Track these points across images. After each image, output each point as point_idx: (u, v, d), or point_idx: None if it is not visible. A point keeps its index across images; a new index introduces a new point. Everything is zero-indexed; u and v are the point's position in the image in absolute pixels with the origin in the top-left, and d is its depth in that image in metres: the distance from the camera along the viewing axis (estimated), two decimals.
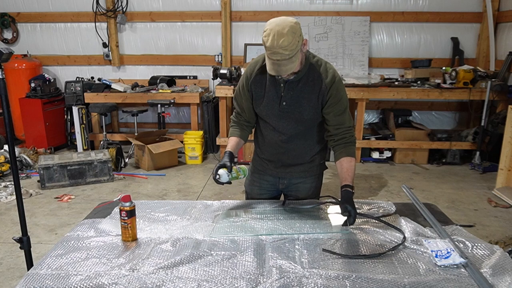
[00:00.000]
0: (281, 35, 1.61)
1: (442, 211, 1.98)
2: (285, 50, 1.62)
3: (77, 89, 5.55)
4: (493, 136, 4.82)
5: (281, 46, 1.61)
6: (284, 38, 1.61)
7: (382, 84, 5.17)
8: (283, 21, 1.65)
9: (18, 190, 2.09)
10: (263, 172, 2.12)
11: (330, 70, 1.86)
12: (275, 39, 1.61)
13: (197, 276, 1.39)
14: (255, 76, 1.90)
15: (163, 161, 4.99)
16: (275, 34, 1.62)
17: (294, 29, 1.63)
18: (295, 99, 1.86)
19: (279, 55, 1.63)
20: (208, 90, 5.87)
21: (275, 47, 1.62)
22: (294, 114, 1.88)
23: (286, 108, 1.87)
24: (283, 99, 1.86)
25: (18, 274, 2.73)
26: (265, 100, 1.90)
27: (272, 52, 1.64)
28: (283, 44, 1.61)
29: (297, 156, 2.03)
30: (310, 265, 1.44)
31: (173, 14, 5.80)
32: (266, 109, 1.91)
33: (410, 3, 5.58)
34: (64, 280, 1.37)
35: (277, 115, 1.91)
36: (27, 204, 3.43)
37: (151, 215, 1.89)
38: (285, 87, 1.85)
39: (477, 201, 3.99)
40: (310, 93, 1.85)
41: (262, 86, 1.90)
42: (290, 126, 1.92)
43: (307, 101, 1.86)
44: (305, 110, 1.87)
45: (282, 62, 1.66)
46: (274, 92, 1.88)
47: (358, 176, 4.71)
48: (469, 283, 1.32)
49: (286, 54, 1.63)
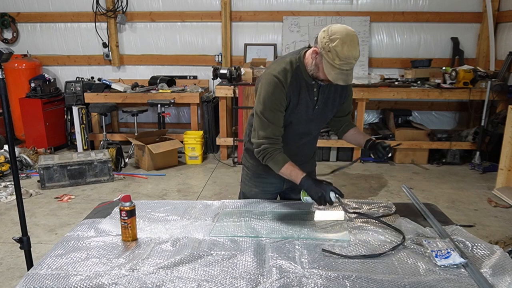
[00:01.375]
0: (354, 46, 1.61)
1: (442, 211, 1.99)
2: (356, 60, 1.64)
3: (77, 89, 5.55)
4: (493, 136, 4.82)
5: (355, 57, 1.62)
6: (357, 49, 1.62)
7: (382, 84, 5.17)
8: (349, 30, 1.63)
9: (18, 190, 2.10)
10: (266, 176, 2.06)
11: None
12: (351, 50, 1.60)
13: (197, 276, 1.39)
14: (290, 85, 1.81)
15: (163, 161, 4.99)
16: (350, 43, 1.59)
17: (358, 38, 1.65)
18: (326, 101, 1.90)
19: (350, 65, 1.64)
20: (208, 90, 5.87)
21: (350, 57, 1.61)
22: (322, 116, 1.93)
23: (318, 112, 1.91)
24: (317, 103, 1.88)
25: (18, 274, 2.73)
26: (299, 106, 1.86)
27: (345, 62, 1.61)
28: (356, 55, 1.62)
29: (306, 155, 2.08)
30: (310, 265, 1.44)
31: (173, 14, 5.80)
32: (300, 115, 1.88)
33: (410, 3, 5.58)
34: (64, 280, 1.37)
35: (309, 119, 1.91)
36: (27, 204, 3.43)
37: (151, 215, 1.89)
38: (319, 92, 1.86)
39: (477, 201, 3.99)
40: (335, 93, 1.91)
41: (297, 93, 1.83)
42: (316, 127, 1.99)
43: (332, 101, 1.92)
44: (330, 110, 1.95)
45: (350, 71, 1.67)
46: (308, 97, 1.85)
47: (358, 176, 4.71)
48: (469, 283, 1.32)
49: (354, 63, 1.65)
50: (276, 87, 1.79)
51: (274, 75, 1.80)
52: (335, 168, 2.01)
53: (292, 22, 5.58)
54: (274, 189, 2.14)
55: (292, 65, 1.81)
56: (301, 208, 1.95)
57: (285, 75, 1.80)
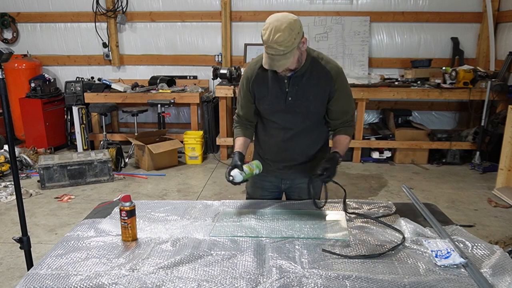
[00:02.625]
0: (278, 31, 1.64)
1: (442, 211, 1.98)
2: (279, 46, 1.64)
3: (77, 89, 5.55)
4: (493, 136, 4.82)
5: (276, 42, 1.64)
6: (280, 33, 1.63)
7: (382, 84, 5.17)
8: (283, 17, 1.68)
9: (18, 190, 2.09)
10: (266, 173, 2.10)
11: (333, 62, 1.91)
12: (271, 34, 1.64)
13: (197, 276, 1.39)
14: (256, 75, 1.92)
15: (163, 161, 4.99)
16: (273, 29, 1.65)
17: (293, 26, 1.65)
18: (300, 93, 1.88)
19: (274, 50, 1.66)
20: (208, 90, 5.87)
21: (271, 41, 1.65)
22: (301, 108, 1.90)
23: (292, 103, 1.89)
24: (289, 95, 1.88)
25: (18, 274, 2.73)
26: (269, 97, 1.91)
27: (267, 46, 1.67)
28: (278, 39, 1.63)
29: (301, 154, 2.03)
30: (310, 265, 1.44)
31: (173, 14, 5.80)
32: (271, 106, 1.92)
33: (410, 3, 5.58)
34: (64, 280, 1.36)
35: (283, 110, 1.92)
36: (27, 204, 3.43)
37: (151, 215, 1.89)
38: (289, 83, 1.87)
39: (477, 201, 3.99)
40: (317, 86, 1.88)
41: (265, 84, 1.91)
42: (296, 120, 1.94)
43: (313, 94, 1.88)
44: (312, 104, 1.90)
45: (276, 57, 1.68)
46: (278, 88, 1.89)
47: (358, 176, 4.71)
48: (469, 283, 1.32)
49: (280, 49, 1.65)
50: (243, 79, 1.98)
51: (246, 67, 1.99)
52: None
53: None
54: (274, 188, 2.15)
55: None
56: (301, 208, 1.95)
57: (254, 67, 1.93)
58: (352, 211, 1.89)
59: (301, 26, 1.70)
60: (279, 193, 2.18)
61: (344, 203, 1.95)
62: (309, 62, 1.85)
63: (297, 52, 1.73)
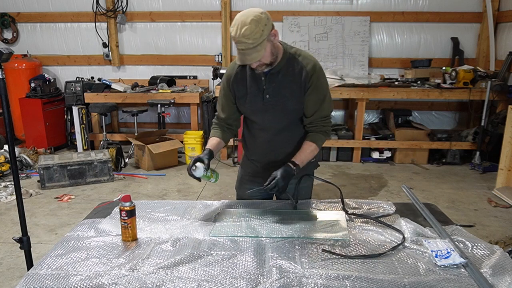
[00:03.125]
0: (244, 24, 1.65)
1: (442, 211, 1.98)
2: (247, 39, 1.65)
3: (77, 89, 5.55)
4: (493, 136, 4.82)
5: (244, 35, 1.65)
6: (246, 27, 1.65)
7: (382, 84, 5.18)
8: (249, 11, 1.69)
9: (18, 190, 2.10)
10: (254, 175, 2.11)
11: (310, 58, 1.89)
12: (238, 29, 1.66)
13: (197, 276, 1.39)
14: (235, 75, 1.94)
15: (163, 161, 4.99)
16: (239, 24, 1.66)
17: (258, 19, 1.66)
18: (277, 90, 1.87)
19: (243, 45, 1.67)
20: (208, 90, 5.87)
21: (238, 36, 1.66)
22: (278, 105, 1.89)
23: (270, 101, 1.89)
24: (266, 92, 1.88)
25: (18, 274, 2.73)
26: (248, 97, 1.92)
27: (237, 42, 1.69)
28: (245, 33, 1.65)
29: (285, 153, 2.00)
30: (310, 265, 1.44)
31: (173, 14, 5.80)
32: (251, 105, 1.93)
33: (410, 3, 5.58)
34: (64, 280, 1.36)
35: (261, 109, 1.92)
36: (27, 204, 3.43)
37: (151, 215, 1.89)
38: (266, 80, 1.87)
39: (477, 201, 3.99)
40: (292, 83, 1.86)
41: (244, 83, 1.92)
42: (276, 119, 1.93)
43: (289, 91, 1.87)
44: (289, 101, 1.89)
45: (247, 51, 1.69)
46: (256, 87, 1.90)
47: (358, 176, 4.71)
48: (469, 283, 1.32)
49: (249, 43, 1.66)
50: (224, 79, 1.99)
51: (227, 69, 2.00)
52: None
53: (292, 22, 5.58)
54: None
55: None
56: (301, 208, 1.95)
57: (233, 67, 1.96)
58: (352, 211, 1.89)
59: (268, 18, 1.70)
60: (267, 194, 2.12)
61: (342, 202, 1.95)
62: (285, 58, 1.85)
63: (268, 44, 1.73)
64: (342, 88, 5.00)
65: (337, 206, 1.97)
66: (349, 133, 5.28)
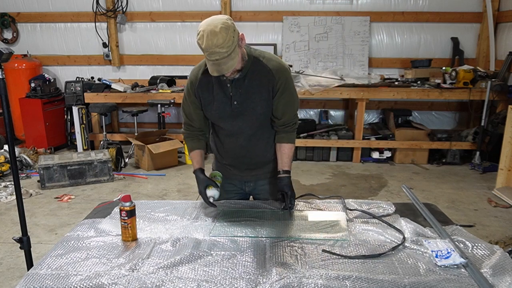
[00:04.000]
0: (214, 34, 1.57)
1: (442, 211, 1.98)
2: (221, 48, 1.58)
3: (77, 89, 5.55)
4: (493, 136, 4.82)
5: (217, 45, 1.57)
6: (218, 36, 1.57)
7: (382, 84, 5.17)
8: (214, 19, 1.62)
9: (18, 190, 2.09)
10: (228, 177, 2.08)
11: (275, 59, 1.85)
12: (209, 39, 1.57)
13: (196, 276, 1.39)
14: (200, 81, 1.86)
15: (163, 161, 4.99)
16: (208, 34, 1.58)
17: (227, 25, 1.59)
18: (245, 96, 1.83)
19: (217, 55, 1.59)
20: None
21: (211, 46, 1.58)
22: (247, 111, 1.85)
23: (238, 107, 1.84)
24: (233, 99, 1.83)
25: (18, 274, 2.73)
26: (215, 104, 1.86)
27: (209, 52, 1.60)
28: (218, 42, 1.57)
29: (259, 156, 1.99)
30: (310, 265, 1.44)
31: (173, 14, 5.80)
32: (218, 112, 1.88)
33: (410, 3, 5.58)
34: (64, 280, 1.37)
35: (230, 116, 1.87)
36: (27, 204, 3.42)
37: (151, 215, 1.89)
38: (232, 86, 1.82)
39: (477, 201, 3.99)
40: (260, 86, 1.82)
41: (209, 90, 1.86)
42: (246, 124, 1.89)
43: (258, 95, 1.83)
44: (258, 105, 1.85)
45: (222, 61, 1.61)
46: (222, 94, 1.84)
47: (358, 176, 4.71)
48: (469, 283, 1.32)
49: (223, 52, 1.59)
50: (187, 84, 1.93)
51: (190, 74, 1.93)
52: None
53: (292, 22, 5.58)
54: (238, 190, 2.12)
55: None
56: (301, 209, 1.94)
57: (196, 73, 1.88)
58: (352, 211, 1.89)
59: (233, 23, 1.64)
60: (244, 194, 2.14)
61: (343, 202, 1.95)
62: (250, 62, 1.79)
63: (239, 50, 1.67)
64: (342, 88, 4.99)
65: (337, 206, 1.97)
66: (349, 133, 5.28)
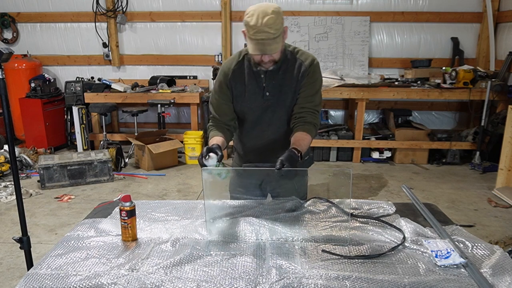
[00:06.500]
0: (265, 14, 1.63)
1: (442, 211, 1.98)
2: (270, 29, 1.63)
3: (77, 89, 5.55)
4: (493, 136, 4.82)
5: (267, 24, 1.63)
6: (269, 16, 1.63)
7: (382, 84, 5.17)
8: (265, 4, 1.68)
9: (18, 190, 2.10)
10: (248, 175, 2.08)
11: (309, 55, 1.90)
12: (259, 18, 1.63)
13: (196, 276, 1.38)
14: (233, 72, 1.89)
15: (163, 161, 4.99)
16: (260, 13, 1.63)
17: (278, 11, 1.67)
18: (277, 87, 1.87)
19: (264, 34, 1.64)
20: (208, 90, 5.87)
21: (261, 25, 1.62)
22: (278, 103, 1.89)
23: (270, 99, 1.88)
24: (266, 89, 1.87)
25: (18, 274, 2.73)
26: (247, 95, 1.90)
27: (257, 30, 1.64)
28: (268, 22, 1.63)
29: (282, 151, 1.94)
30: (310, 265, 1.44)
31: (173, 14, 5.80)
32: (249, 103, 1.91)
33: (410, 3, 5.58)
34: (64, 280, 1.36)
35: (260, 107, 1.91)
36: (27, 204, 3.43)
37: (151, 215, 1.89)
38: (266, 77, 1.86)
39: (477, 201, 3.99)
40: (291, 79, 1.86)
41: (242, 81, 1.89)
42: (275, 116, 1.92)
43: (289, 88, 1.87)
44: (288, 97, 1.88)
45: (267, 41, 1.66)
46: (255, 84, 1.88)
47: (358, 176, 4.71)
48: (469, 283, 1.32)
49: (271, 32, 1.64)
50: (219, 76, 1.92)
51: (222, 66, 1.94)
52: None
53: (292, 22, 5.58)
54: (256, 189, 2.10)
55: (240, 54, 1.91)
56: (301, 208, 1.94)
57: (230, 64, 1.90)
58: (352, 211, 1.89)
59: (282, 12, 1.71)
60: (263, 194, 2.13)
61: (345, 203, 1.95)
62: (285, 56, 1.84)
63: (282, 39, 1.72)
64: (342, 88, 4.99)
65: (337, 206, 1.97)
66: (349, 133, 5.29)
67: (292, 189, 2.06)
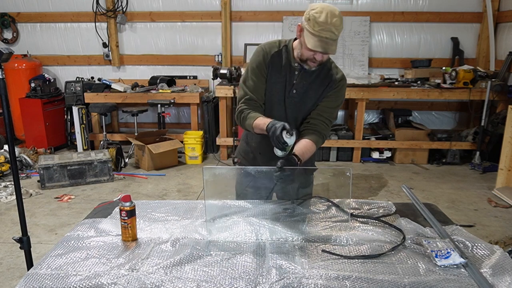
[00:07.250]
0: (333, 15, 1.65)
1: (442, 211, 1.98)
2: (336, 30, 1.66)
3: (77, 89, 5.55)
4: (493, 136, 4.82)
5: (334, 25, 1.65)
6: (336, 18, 1.66)
7: (382, 84, 5.17)
8: (330, 5, 1.71)
9: (18, 190, 2.10)
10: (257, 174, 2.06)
11: (340, 70, 1.94)
12: (329, 17, 1.64)
13: (196, 276, 1.38)
14: (272, 57, 1.88)
15: (163, 161, 4.99)
16: (328, 12, 1.65)
17: (341, 16, 1.69)
18: (305, 88, 1.89)
19: (330, 34, 1.65)
20: (208, 90, 5.87)
21: (329, 24, 1.64)
22: (300, 103, 1.91)
23: (295, 97, 1.89)
24: (295, 87, 1.88)
25: (18, 274, 2.73)
26: (275, 86, 1.90)
27: (323, 28, 1.65)
28: (336, 23, 1.65)
29: None
30: (310, 265, 1.44)
31: (173, 14, 5.80)
32: (275, 94, 1.91)
33: (410, 3, 5.58)
34: (64, 280, 1.36)
35: (282, 102, 1.91)
36: (27, 204, 3.43)
37: (151, 215, 1.89)
38: (299, 75, 1.87)
39: (477, 201, 3.99)
40: (319, 86, 1.89)
41: (278, 69, 1.89)
42: (291, 115, 1.94)
43: (314, 92, 1.90)
44: (310, 101, 1.91)
45: (329, 41, 1.67)
46: (287, 78, 1.88)
47: (358, 176, 4.71)
48: (469, 283, 1.32)
49: (335, 34, 1.66)
50: (259, 55, 1.88)
51: (261, 46, 1.91)
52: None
53: (292, 22, 5.58)
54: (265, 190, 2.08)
55: (280, 43, 1.90)
56: (301, 208, 1.94)
57: (270, 48, 1.89)
58: (352, 211, 1.89)
59: None
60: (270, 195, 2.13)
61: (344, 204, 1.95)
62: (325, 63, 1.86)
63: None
64: None
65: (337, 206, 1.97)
66: (349, 133, 5.29)
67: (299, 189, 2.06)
